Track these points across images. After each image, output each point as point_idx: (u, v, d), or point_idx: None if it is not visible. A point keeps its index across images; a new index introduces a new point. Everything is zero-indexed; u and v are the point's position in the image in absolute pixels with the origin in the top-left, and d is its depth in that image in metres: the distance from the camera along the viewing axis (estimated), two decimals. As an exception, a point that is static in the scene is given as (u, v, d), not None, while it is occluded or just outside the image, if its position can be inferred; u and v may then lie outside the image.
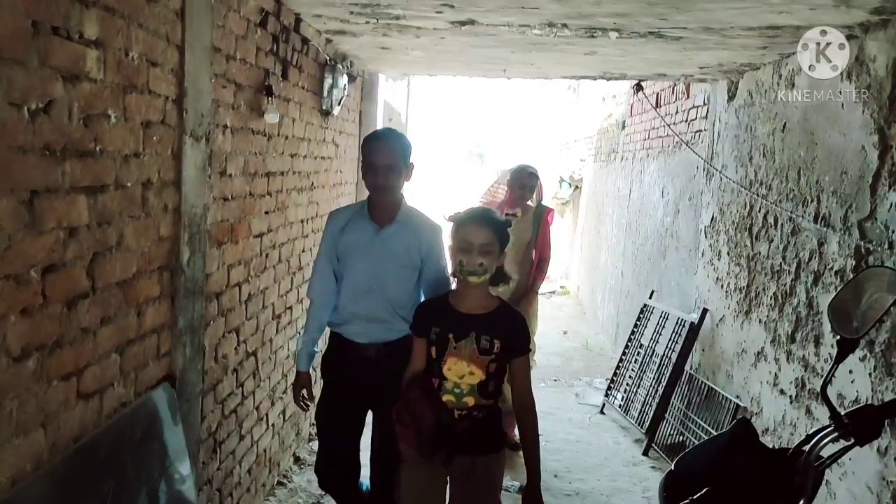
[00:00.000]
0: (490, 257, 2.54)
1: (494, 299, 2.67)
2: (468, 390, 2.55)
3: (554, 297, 12.15)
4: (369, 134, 3.17)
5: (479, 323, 2.57)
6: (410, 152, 3.02)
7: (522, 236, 4.82)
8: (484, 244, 2.53)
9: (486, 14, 3.44)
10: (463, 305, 2.61)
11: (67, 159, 1.81)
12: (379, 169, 2.90)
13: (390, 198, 2.99)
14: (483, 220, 2.58)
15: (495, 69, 5.38)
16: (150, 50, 2.22)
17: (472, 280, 2.54)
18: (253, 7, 3.12)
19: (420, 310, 2.74)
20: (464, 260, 2.52)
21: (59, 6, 1.73)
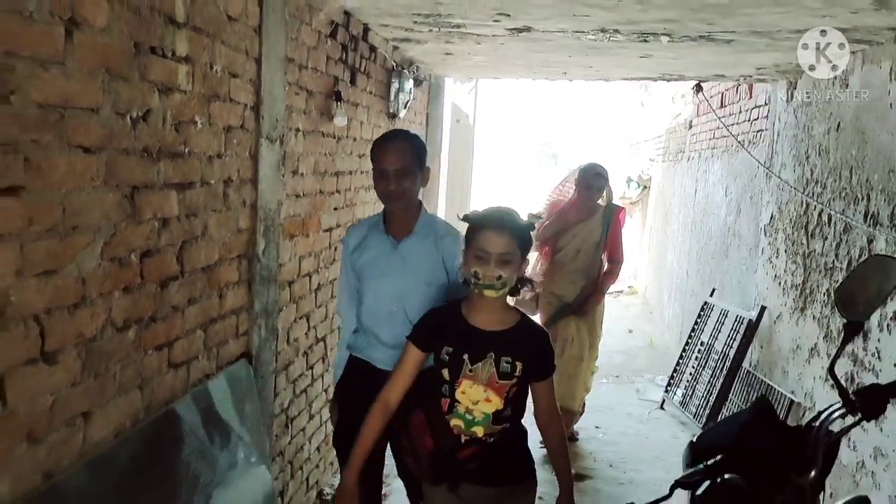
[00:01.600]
0: (510, 267, 2.17)
1: (514, 312, 2.32)
2: (481, 419, 2.22)
3: (622, 296, 12.17)
4: (378, 137, 2.81)
5: (498, 341, 2.23)
6: (425, 154, 2.71)
7: (590, 237, 4.76)
8: (503, 253, 2.15)
9: (540, 21, 3.64)
10: (478, 320, 2.25)
11: (161, 160, 2.11)
12: (391, 174, 2.56)
13: (406, 206, 2.64)
14: (502, 224, 2.18)
15: (555, 72, 5.56)
16: (232, 63, 2.51)
17: (490, 294, 2.19)
18: (323, 20, 3.40)
19: (427, 319, 2.34)
20: (480, 271, 2.16)
21: (156, 29, 2.03)
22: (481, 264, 2.16)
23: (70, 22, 1.66)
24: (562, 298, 4.83)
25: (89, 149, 1.77)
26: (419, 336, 2.31)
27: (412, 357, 2.30)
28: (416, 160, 2.62)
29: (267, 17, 2.72)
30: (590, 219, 4.73)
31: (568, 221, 4.80)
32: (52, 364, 1.70)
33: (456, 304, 2.33)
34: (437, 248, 2.65)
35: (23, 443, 1.63)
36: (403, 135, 2.76)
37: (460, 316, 2.27)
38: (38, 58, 1.58)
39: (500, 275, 2.16)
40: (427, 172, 2.71)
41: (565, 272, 4.81)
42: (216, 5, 2.36)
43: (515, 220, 2.23)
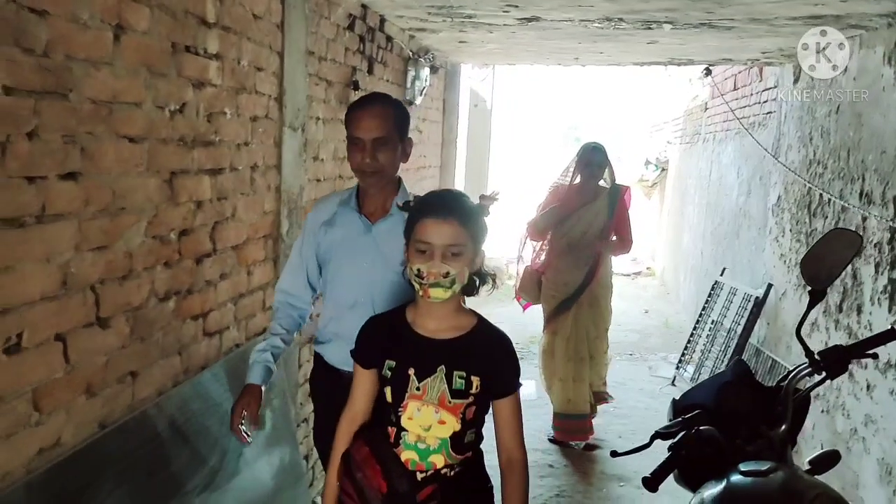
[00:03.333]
0: (460, 261, 1.78)
1: (470, 316, 1.90)
2: (437, 446, 1.81)
3: (639, 278, 12.34)
4: (353, 101, 2.40)
5: (450, 352, 1.83)
6: (408, 122, 2.32)
7: (595, 221, 4.50)
8: (450, 245, 1.77)
9: (547, 11, 3.82)
10: (426, 327, 1.85)
11: (195, 148, 2.34)
12: (365, 144, 2.18)
13: (383, 183, 2.26)
14: (447, 210, 1.79)
15: (567, 58, 5.73)
16: (257, 58, 2.74)
17: (437, 295, 1.78)
18: (342, 13, 3.61)
19: (366, 328, 1.96)
20: (422, 268, 1.76)
21: (190, 30, 2.25)
22: (424, 259, 1.76)
23: (117, 27, 1.89)
24: (567, 287, 4.57)
25: (134, 138, 2.00)
26: (361, 352, 1.92)
27: (360, 379, 1.93)
28: (397, 129, 2.24)
29: (289, 13, 2.94)
30: (594, 201, 4.50)
31: (572, 206, 4.50)
32: (106, 328, 1.95)
33: (400, 309, 1.92)
34: None
35: (82, 395, 1.88)
36: (382, 99, 2.29)
37: (405, 323, 1.87)
38: (91, 59, 1.81)
39: (448, 271, 1.75)
40: (408, 144, 2.32)
41: (570, 258, 4.55)
42: (243, 5, 2.58)
43: (464, 204, 1.84)
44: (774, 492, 1.76)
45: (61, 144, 1.73)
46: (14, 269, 1.62)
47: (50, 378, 1.75)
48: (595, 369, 4.78)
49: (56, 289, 1.75)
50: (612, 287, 4.84)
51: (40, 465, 1.73)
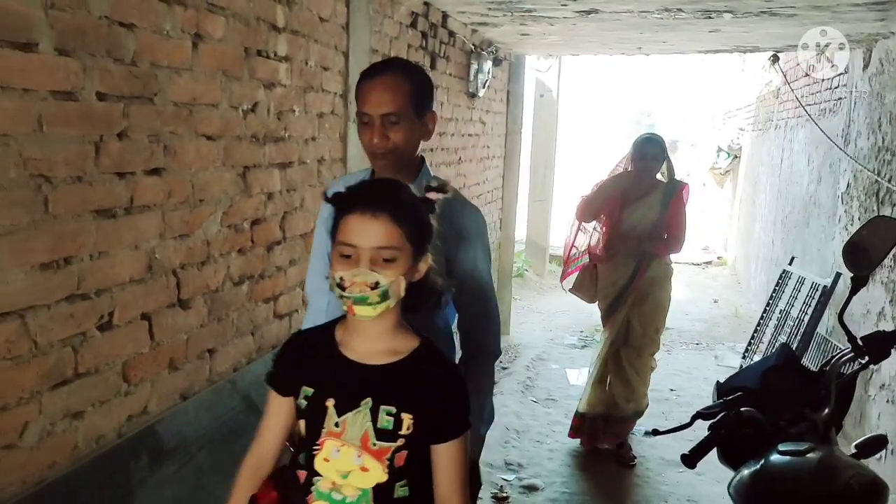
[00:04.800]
0: (393, 269, 1.42)
1: (410, 337, 1.53)
2: (355, 499, 1.46)
3: (710, 267, 12.16)
4: (365, 69, 1.98)
5: (380, 382, 1.47)
6: (428, 92, 1.94)
7: (647, 216, 4.18)
8: (380, 248, 1.40)
9: (605, 4, 3.87)
10: (354, 348, 1.50)
11: (267, 143, 2.53)
12: (374, 120, 1.84)
13: (397, 165, 1.89)
14: (378, 204, 1.43)
15: (630, 47, 5.74)
16: (323, 58, 2.91)
17: (362, 312, 1.42)
18: (404, 12, 3.76)
19: (287, 347, 1.60)
20: (345, 277, 1.40)
21: (262, 35, 2.43)
22: (347, 266, 1.40)
23: (196, 36, 2.09)
24: (615, 286, 4.28)
25: (211, 136, 2.20)
26: (276, 373, 1.57)
27: (274, 407, 1.56)
28: (413, 102, 1.86)
29: (353, 15, 3.10)
30: (648, 195, 4.17)
31: (627, 198, 4.20)
32: (186, 309, 2.16)
33: (332, 325, 1.57)
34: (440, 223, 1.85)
35: (165, 369, 2.09)
36: (395, 66, 1.94)
37: (332, 342, 1.52)
38: (173, 66, 2.00)
39: (378, 281, 1.39)
40: (431, 119, 1.94)
41: (620, 255, 4.25)
42: (310, 10, 2.75)
43: (400, 197, 1.47)
44: (810, 470, 1.82)
45: (147, 143, 1.93)
46: (107, 255, 1.83)
47: (137, 353, 1.96)
48: (640, 376, 4.38)
49: (143, 273, 1.96)
50: (669, 285, 4.37)
51: (130, 430, 1.94)
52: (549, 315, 8.03)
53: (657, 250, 4.22)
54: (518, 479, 4.17)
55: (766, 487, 1.84)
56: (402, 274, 1.43)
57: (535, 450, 4.54)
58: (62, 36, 1.64)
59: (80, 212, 1.74)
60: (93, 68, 1.73)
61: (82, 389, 1.78)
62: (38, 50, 1.59)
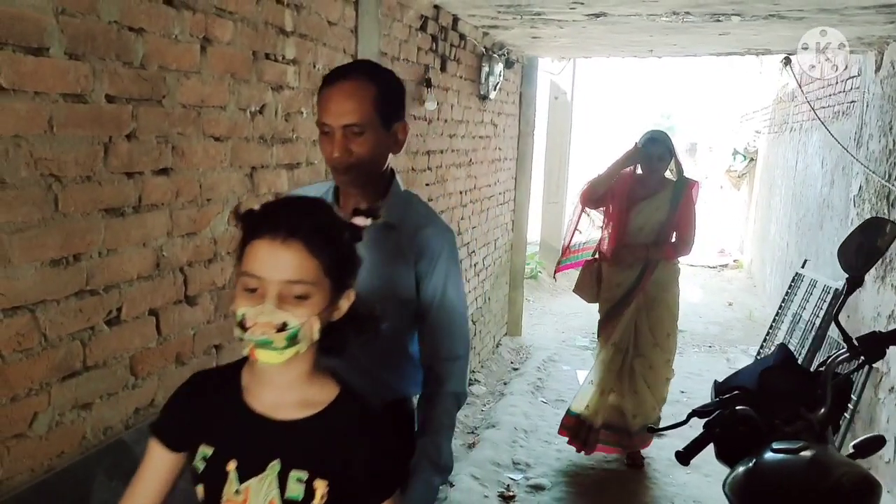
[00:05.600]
0: (306, 307, 1.19)
1: (327, 385, 1.30)
2: None
3: (725, 270, 12.12)
4: (328, 73, 1.76)
5: (291, 440, 1.25)
6: (398, 98, 1.76)
7: (654, 216, 4.04)
8: (291, 281, 1.18)
9: (614, 7, 3.90)
10: (261, 398, 1.27)
11: (274, 145, 2.58)
12: (336, 132, 1.66)
13: (362, 181, 1.73)
14: (289, 226, 1.19)
15: (641, 50, 5.75)
16: (331, 61, 2.96)
17: (265, 358, 1.19)
18: (413, 15, 3.81)
19: (182, 392, 1.34)
20: (247, 314, 1.17)
21: (270, 39, 2.49)
22: (251, 301, 1.18)
23: (204, 39, 2.14)
24: (619, 288, 4.14)
25: (219, 138, 2.25)
26: (165, 423, 1.32)
27: (156, 462, 1.31)
28: (379, 110, 1.67)
29: (362, 18, 3.16)
30: (656, 195, 4.05)
31: (633, 198, 4.08)
32: (193, 305, 2.22)
33: (236, 366, 1.32)
34: (410, 245, 1.76)
35: (172, 363, 2.15)
36: (361, 70, 1.75)
37: (237, 389, 1.29)
38: (182, 69, 2.06)
39: (285, 322, 1.17)
40: (402, 129, 1.76)
41: (624, 252, 4.11)
42: (318, 14, 2.80)
43: (319, 222, 1.23)
44: (802, 468, 1.84)
45: (156, 144, 1.99)
46: (115, 252, 1.89)
47: (144, 347, 2.02)
48: (653, 386, 4.26)
49: (150, 270, 2.02)
50: (677, 287, 4.26)
51: (137, 422, 2.00)
52: (561, 317, 8.04)
53: (666, 255, 4.11)
54: (525, 478, 4.21)
55: (759, 484, 1.87)
56: (316, 314, 1.20)
57: (542, 450, 4.57)
58: (73, 40, 1.70)
59: (90, 210, 1.80)
60: (102, 71, 1.79)
61: (90, 382, 1.84)
62: (49, 54, 1.65)
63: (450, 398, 1.80)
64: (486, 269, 5.83)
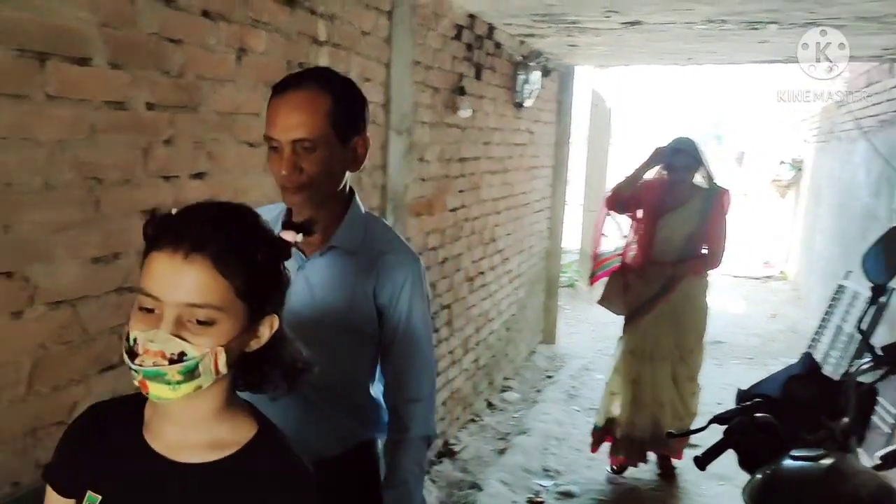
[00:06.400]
0: (208, 337, 1.00)
1: (243, 424, 1.11)
2: None
3: (770, 281, 11.92)
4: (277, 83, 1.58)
5: (193, 488, 1.06)
6: (357, 108, 1.60)
7: (682, 227, 3.86)
8: (191, 304, 0.99)
9: (648, 15, 3.92)
10: (163, 437, 1.09)
11: (307, 151, 2.67)
12: (284, 148, 1.50)
13: (315, 202, 1.56)
14: (192, 239, 1.00)
15: (680, 58, 5.74)
16: (365, 70, 3.04)
17: (158, 392, 1.00)
18: (448, 24, 3.88)
19: (73, 430, 1.16)
20: (139, 338, 0.99)
21: (303, 48, 2.58)
22: (145, 324, 1.00)
23: (239, 50, 2.24)
24: (641, 297, 4.01)
25: (253, 144, 2.34)
26: (57, 465, 1.15)
27: None
28: (334, 123, 1.51)
29: (395, 28, 3.23)
30: (685, 205, 3.85)
31: (660, 209, 3.91)
32: (227, 304, 2.30)
33: (140, 398, 1.07)
34: (370, 272, 1.60)
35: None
36: (312, 78, 1.56)
37: (137, 423, 1.11)
38: (217, 78, 2.16)
39: (183, 352, 0.98)
40: (360, 144, 1.60)
41: (652, 267, 3.96)
42: (351, 24, 2.89)
43: (233, 234, 1.03)
44: (819, 475, 1.85)
45: (192, 149, 2.08)
46: (153, 252, 1.98)
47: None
48: (676, 400, 4.10)
49: (186, 269, 2.11)
50: (705, 302, 4.08)
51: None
52: (598, 326, 8.01)
53: (694, 271, 3.94)
54: (555, 485, 4.22)
55: (775, 491, 1.88)
56: (223, 343, 1.00)
57: (573, 457, 4.57)
58: (115, 51, 1.80)
59: (129, 211, 1.90)
60: (142, 80, 1.89)
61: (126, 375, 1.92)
62: (92, 64, 1.75)
63: (417, 442, 1.66)
64: (521, 277, 5.86)
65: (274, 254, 1.08)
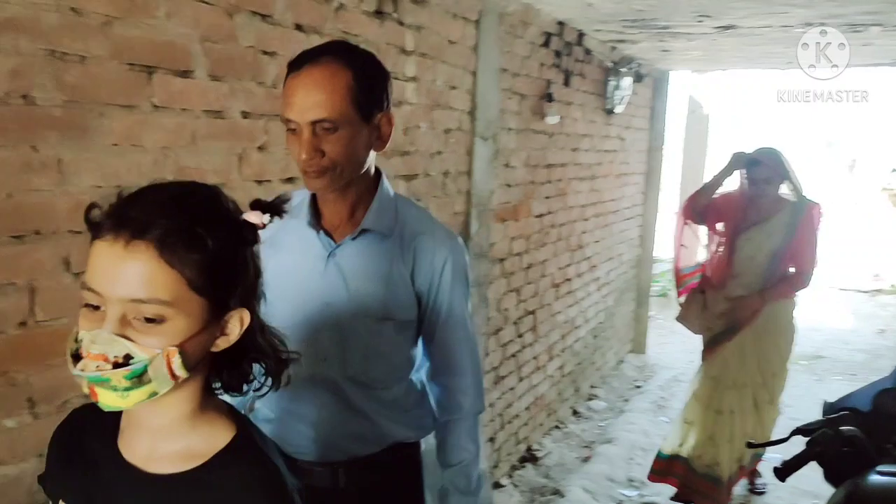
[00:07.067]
0: (159, 336, 0.88)
1: (219, 430, 0.99)
2: None
3: (880, 295, 11.32)
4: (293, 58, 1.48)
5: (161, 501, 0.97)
6: (381, 83, 1.49)
7: (767, 243, 3.58)
8: (135, 299, 0.86)
9: (742, 19, 3.84)
10: (132, 446, 0.99)
11: (393, 157, 2.76)
12: (303, 130, 1.40)
13: (339, 186, 1.47)
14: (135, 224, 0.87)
15: (779, 62, 5.56)
16: (451, 78, 3.12)
17: (106, 401, 0.89)
18: (535, 32, 3.91)
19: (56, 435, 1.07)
20: (85, 338, 0.87)
21: (391, 58, 2.68)
22: (89, 322, 0.89)
23: (329, 60, 2.35)
24: (722, 319, 3.71)
25: (341, 150, 2.45)
26: (46, 471, 1.08)
27: None
28: (357, 101, 1.41)
29: (482, 37, 3.30)
30: (770, 219, 3.58)
31: (741, 224, 3.64)
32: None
33: None
34: (406, 257, 1.53)
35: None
36: (331, 52, 1.44)
37: (113, 430, 1.02)
38: (308, 88, 2.27)
39: (128, 354, 0.87)
40: (385, 121, 1.50)
41: (732, 286, 3.67)
42: (438, 34, 2.97)
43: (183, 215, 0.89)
44: (905, 493, 1.78)
45: (283, 155, 2.21)
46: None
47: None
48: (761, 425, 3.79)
49: (276, 268, 2.23)
50: (792, 325, 3.77)
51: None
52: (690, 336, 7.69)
53: (782, 295, 3.64)
54: (640, 495, 4.17)
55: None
56: (177, 343, 0.88)
57: (659, 468, 4.50)
58: (215, 64, 1.94)
59: (225, 213, 2.03)
60: (239, 90, 2.02)
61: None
62: (194, 76, 1.89)
63: (470, 419, 1.63)
64: (609, 284, 5.81)
65: (233, 238, 0.93)
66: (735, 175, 3.63)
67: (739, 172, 3.60)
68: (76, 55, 1.61)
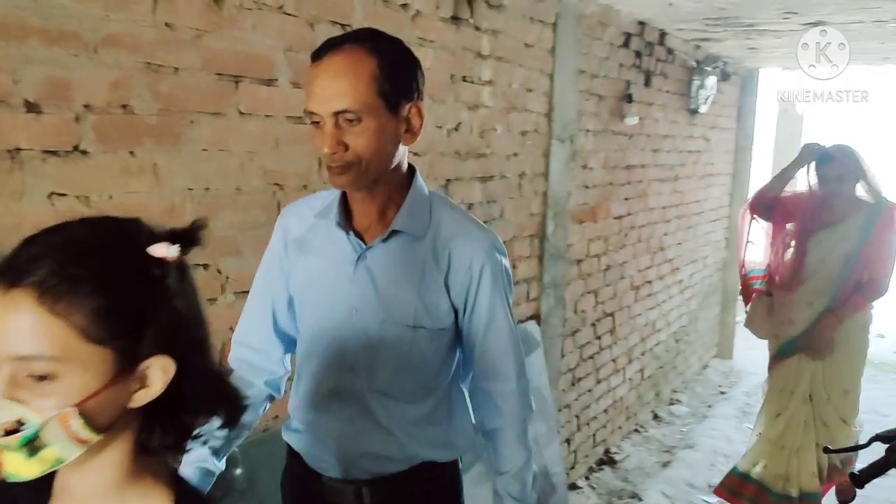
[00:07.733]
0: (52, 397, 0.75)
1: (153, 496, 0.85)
2: None
3: None
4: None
5: None
6: (410, 71, 1.37)
7: (840, 245, 3.35)
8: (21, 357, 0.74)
9: (830, 15, 3.72)
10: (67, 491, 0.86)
11: (468, 159, 2.82)
12: (325, 122, 1.30)
13: (365, 183, 1.36)
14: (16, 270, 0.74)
15: (875, 58, 5.33)
16: (527, 81, 3.15)
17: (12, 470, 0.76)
18: (615, 32, 3.90)
19: None
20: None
21: (467, 62, 2.74)
22: None
23: (406, 66, 2.43)
24: (791, 325, 3.47)
25: (417, 153, 2.53)
26: None
27: None
28: (383, 91, 1.31)
29: (560, 39, 3.32)
30: (844, 221, 3.33)
31: (812, 225, 3.41)
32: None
33: None
34: (436, 259, 1.43)
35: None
36: (355, 39, 1.34)
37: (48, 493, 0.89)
38: (386, 93, 2.36)
39: (20, 420, 0.74)
40: (415, 111, 1.37)
41: (802, 291, 3.42)
42: (515, 38, 3.01)
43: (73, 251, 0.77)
44: None
45: (361, 158, 2.30)
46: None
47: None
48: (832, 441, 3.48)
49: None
50: (865, 338, 3.52)
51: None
52: (780, 342, 7.57)
53: (857, 307, 3.37)
54: (720, 502, 4.08)
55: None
56: (76, 402, 0.76)
57: (741, 476, 4.39)
58: (296, 72, 2.04)
59: (306, 214, 2.14)
60: (319, 97, 2.12)
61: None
62: (277, 84, 2.00)
63: (520, 425, 1.54)
64: (693, 288, 5.70)
65: (134, 277, 0.79)
66: (808, 174, 3.39)
67: (809, 169, 3.37)
68: (170, 67, 1.73)
